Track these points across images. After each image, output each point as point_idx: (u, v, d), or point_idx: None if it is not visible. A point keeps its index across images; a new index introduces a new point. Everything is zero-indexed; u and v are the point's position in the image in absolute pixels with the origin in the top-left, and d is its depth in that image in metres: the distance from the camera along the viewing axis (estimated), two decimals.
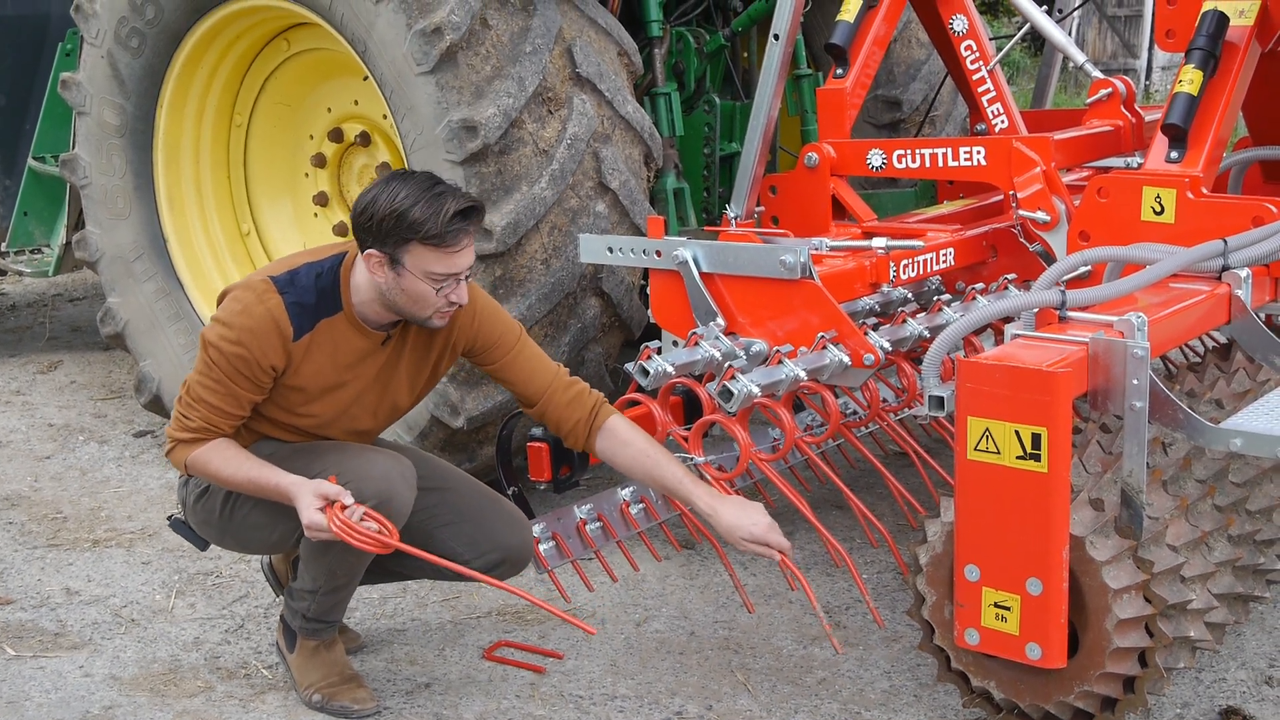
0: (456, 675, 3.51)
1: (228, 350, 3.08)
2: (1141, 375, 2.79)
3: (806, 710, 3.29)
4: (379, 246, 3.06)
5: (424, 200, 3.01)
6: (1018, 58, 16.66)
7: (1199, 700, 3.29)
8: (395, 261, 3.06)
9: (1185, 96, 3.69)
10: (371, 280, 3.12)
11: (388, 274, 3.08)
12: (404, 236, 3.02)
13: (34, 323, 7.64)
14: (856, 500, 3.60)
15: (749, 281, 3.59)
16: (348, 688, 3.36)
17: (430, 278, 3.07)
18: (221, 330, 3.10)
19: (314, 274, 3.17)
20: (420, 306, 3.13)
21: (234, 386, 3.11)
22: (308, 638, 3.37)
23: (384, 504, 3.11)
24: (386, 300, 3.13)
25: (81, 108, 5.02)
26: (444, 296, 3.11)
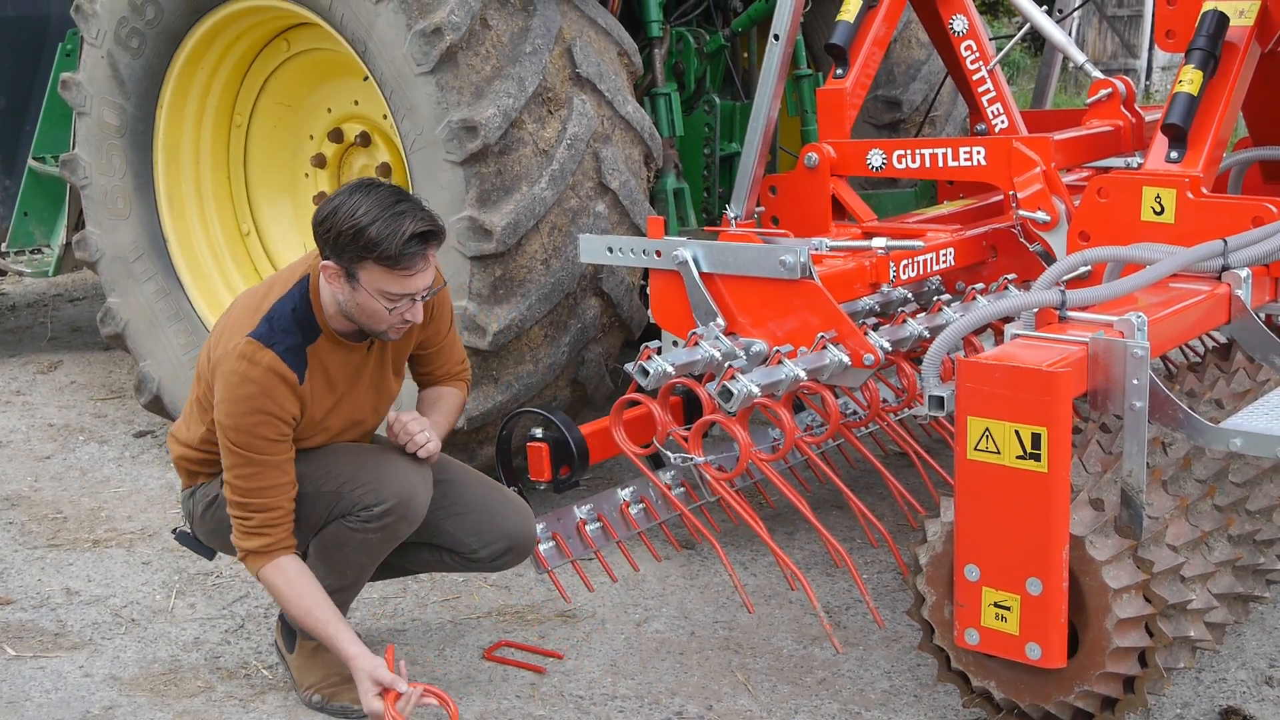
0: (457, 675, 3.51)
1: (251, 427, 3.05)
2: (1141, 375, 2.79)
3: (807, 710, 3.29)
4: (336, 259, 3.03)
5: (383, 219, 2.96)
6: (1018, 58, 16.67)
7: (1199, 700, 3.29)
8: (351, 276, 3.03)
9: (1185, 96, 3.69)
10: (333, 296, 3.10)
11: (344, 286, 3.06)
12: (359, 255, 2.99)
13: (34, 323, 7.64)
14: (856, 500, 3.61)
15: (749, 281, 3.59)
16: (348, 688, 3.32)
17: (385, 296, 3.04)
18: (235, 412, 3.05)
19: (288, 309, 3.12)
20: (374, 322, 3.11)
21: (272, 457, 3.09)
22: (308, 638, 3.34)
23: (404, 504, 3.15)
24: (344, 311, 3.12)
25: (81, 108, 5.02)
26: (398, 315, 3.08)
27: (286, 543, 3.15)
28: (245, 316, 3.15)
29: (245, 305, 3.21)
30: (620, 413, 3.65)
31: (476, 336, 4.05)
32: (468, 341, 4.05)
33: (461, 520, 3.36)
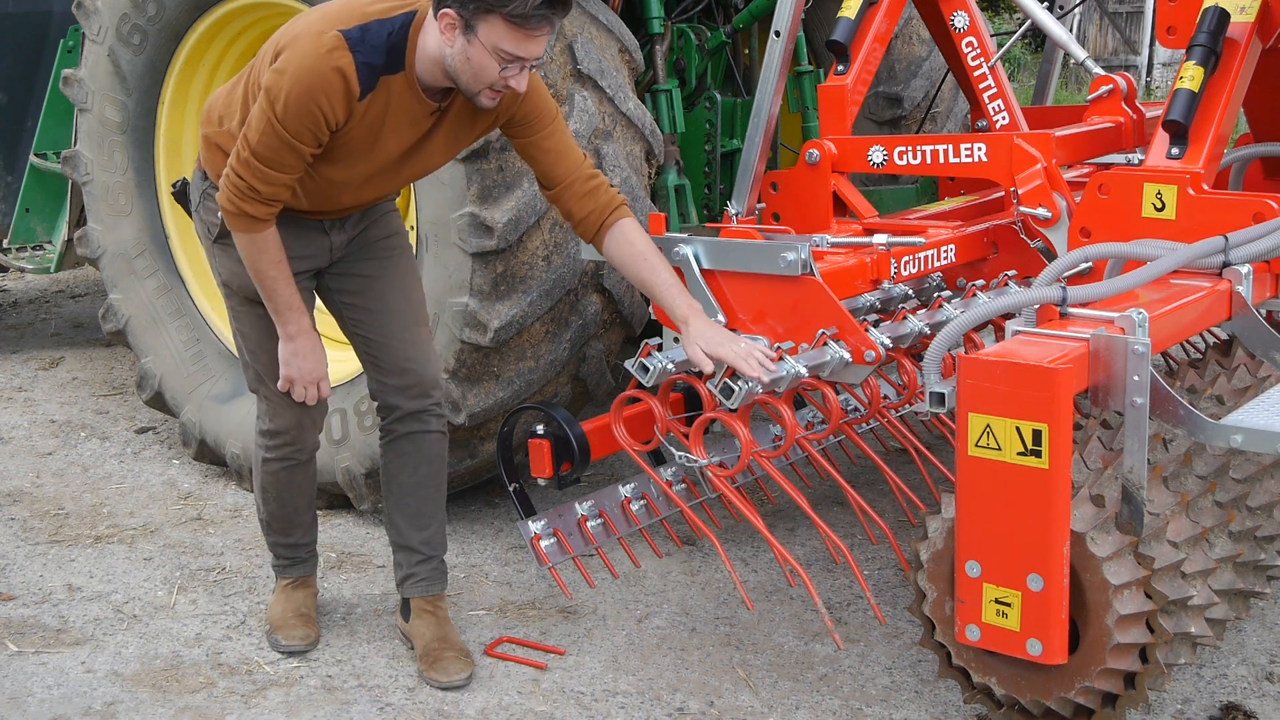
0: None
1: (296, 106, 3.04)
2: (1142, 371, 2.79)
3: (807, 706, 3.30)
4: (458, 8, 2.99)
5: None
6: (1019, 54, 16.66)
7: (1200, 696, 3.29)
8: (469, 28, 3.00)
9: (1186, 93, 3.69)
10: (438, 45, 3.06)
11: (457, 39, 3.02)
12: (488, 7, 2.96)
13: (36, 319, 7.64)
14: (857, 497, 3.61)
15: (750, 278, 3.59)
16: (291, 624, 3.65)
17: (499, 54, 3.02)
18: (290, 84, 3.04)
19: (385, 32, 3.09)
20: (476, 80, 3.08)
21: (298, 144, 3.09)
22: (281, 575, 3.74)
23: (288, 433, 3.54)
24: (446, 65, 3.08)
25: (83, 104, 5.02)
26: (504, 78, 3.07)
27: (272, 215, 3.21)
28: (339, 13, 3.10)
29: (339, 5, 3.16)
30: (621, 409, 3.65)
31: (478, 333, 4.05)
32: (469, 338, 4.05)
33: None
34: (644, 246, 3.43)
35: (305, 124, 3.07)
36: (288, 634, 3.64)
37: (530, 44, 3.02)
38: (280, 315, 3.30)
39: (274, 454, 3.59)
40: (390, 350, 3.50)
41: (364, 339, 3.53)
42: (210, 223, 3.42)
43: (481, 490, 4.63)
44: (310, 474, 3.68)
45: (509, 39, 2.99)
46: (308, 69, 3.04)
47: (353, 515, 4.58)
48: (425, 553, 3.59)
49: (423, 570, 3.59)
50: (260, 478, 3.64)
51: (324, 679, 3.49)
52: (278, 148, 3.09)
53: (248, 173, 3.13)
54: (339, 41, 3.04)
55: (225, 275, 3.45)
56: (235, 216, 3.19)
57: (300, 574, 3.76)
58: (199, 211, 3.47)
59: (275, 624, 3.67)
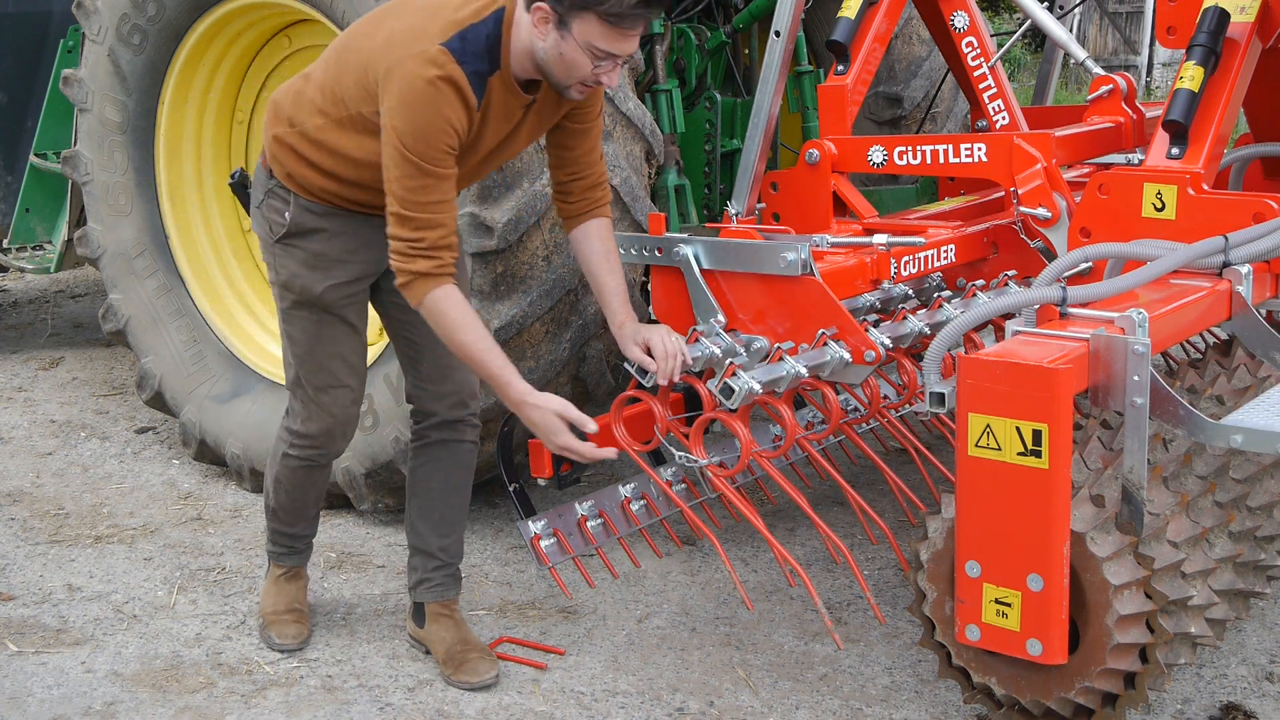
0: None
1: (428, 134, 3.00)
2: (1142, 372, 2.79)
3: (808, 706, 3.30)
4: (552, 3, 2.97)
5: None
6: (1019, 54, 16.66)
7: (1200, 696, 3.29)
8: (563, 24, 2.99)
9: (1186, 93, 3.69)
10: (530, 39, 3.05)
11: (550, 33, 3.01)
12: (582, 4, 2.94)
13: (36, 319, 7.64)
14: (857, 497, 3.61)
15: (750, 278, 3.59)
16: (284, 620, 3.67)
17: (592, 52, 3.00)
18: (415, 116, 2.99)
19: (483, 35, 3.04)
20: (567, 75, 3.07)
21: (445, 170, 3.05)
22: (274, 563, 3.74)
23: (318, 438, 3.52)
24: (537, 58, 3.07)
25: (83, 104, 5.02)
26: (596, 74, 3.06)
27: (452, 269, 3.12)
28: (429, 26, 3.05)
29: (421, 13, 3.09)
30: (621, 409, 3.65)
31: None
32: None
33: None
34: (610, 247, 3.50)
35: (441, 148, 3.02)
36: (281, 631, 3.67)
37: (624, 42, 3.02)
38: (496, 380, 3.16)
39: (297, 453, 3.57)
40: (434, 355, 3.46)
41: (408, 340, 3.50)
42: (275, 222, 3.36)
43: (481, 490, 4.63)
44: (326, 474, 3.69)
45: (603, 37, 2.98)
46: (426, 95, 2.99)
47: (353, 515, 4.58)
48: (443, 559, 3.58)
49: (438, 576, 3.58)
50: (277, 469, 3.62)
51: (324, 679, 3.49)
52: (427, 185, 3.03)
53: (406, 228, 3.05)
54: (446, 56, 2.99)
55: (285, 276, 3.38)
56: (410, 285, 3.10)
57: (295, 564, 3.77)
58: (263, 210, 3.39)
59: (269, 619, 3.70)
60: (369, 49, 3.13)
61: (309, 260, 3.35)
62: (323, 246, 3.34)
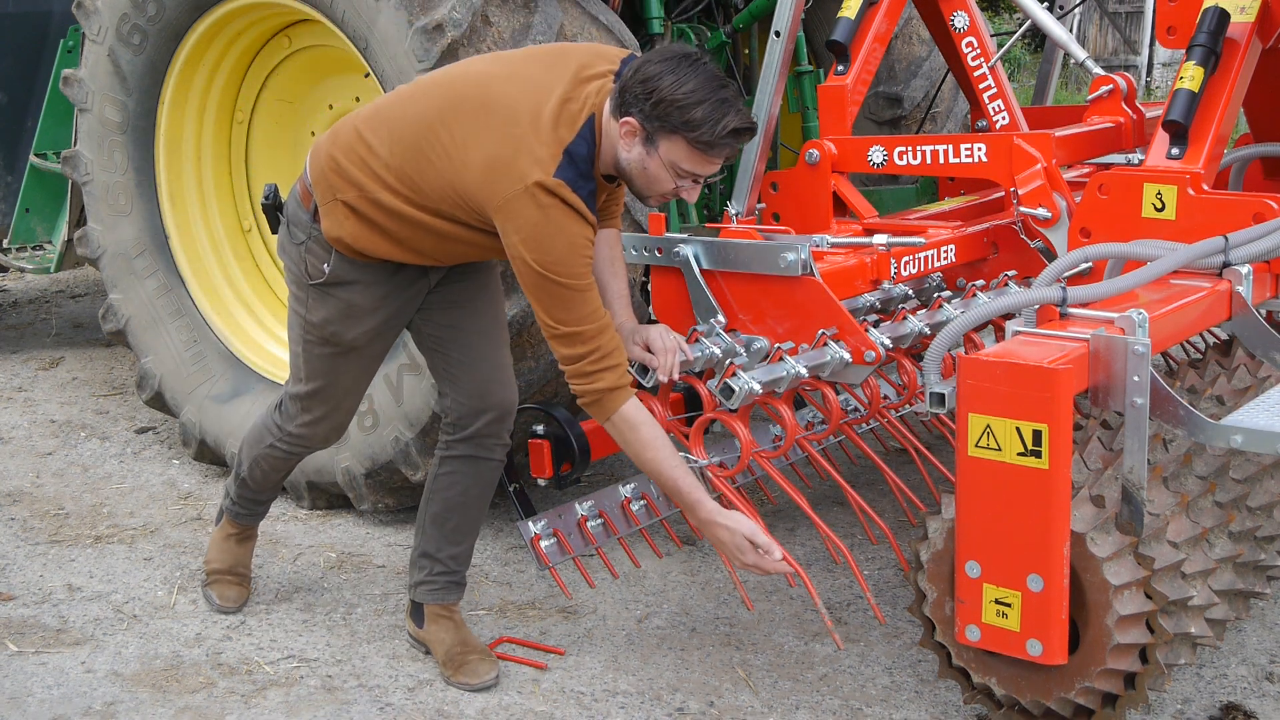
0: None
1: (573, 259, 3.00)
2: (1142, 372, 2.79)
3: (807, 706, 3.30)
4: (643, 121, 2.99)
5: (710, 103, 2.94)
6: (1019, 54, 16.65)
7: (1200, 696, 3.29)
8: (650, 140, 3.01)
9: (1186, 93, 3.69)
10: (616, 145, 3.06)
11: (635, 146, 3.03)
12: (674, 128, 2.96)
13: (36, 319, 7.64)
14: (857, 497, 3.61)
15: (750, 278, 3.59)
16: (227, 581, 3.85)
17: (677, 171, 3.04)
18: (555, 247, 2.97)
19: (583, 153, 3.03)
20: (649, 187, 3.11)
21: (590, 283, 3.05)
22: (231, 521, 3.86)
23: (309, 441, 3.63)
24: (621, 165, 3.09)
25: (83, 104, 5.02)
26: (677, 190, 3.10)
27: (630, 377, 3.15)
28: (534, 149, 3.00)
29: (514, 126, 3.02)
30: None
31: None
32: None
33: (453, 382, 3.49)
34: (616, 253, 3.49)
35: (582, 263, 3.02)
36: (222, 593, 3.85)
37: (710, 165, 3.06)
38: (683, 498, 3.16)
39: (286, 447, 3.66)
40: (474, 371, 3.44)
41: (445, 356, 3.47)
42: (314, 268, 3.32)
43: None
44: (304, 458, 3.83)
45: (689, 159, 3.02)
46: (553, 227, 2.98)
47: (353, 515, 4.58)
48: (450, 566, 3.56)
49: (441, 580, 3.56)
50: (257, 451, 3.70)
51: (324, 679, 3.49)
52: (582, 299, 3.04)
53: (573, 345, 3.07)
54: (560, 185, 2.97)
55: (318, 320, 3.35)
56: (598, 402, 3.11)
57: (249, 524, 3.90)
58: (303, 251, 3.34)
59: (213, 576, 3.87)
60: (462, 160, 3.05)
61: (343, 309, 3.33)
62: (358, 297, 3.32)
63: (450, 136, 3.07)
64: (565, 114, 3.04)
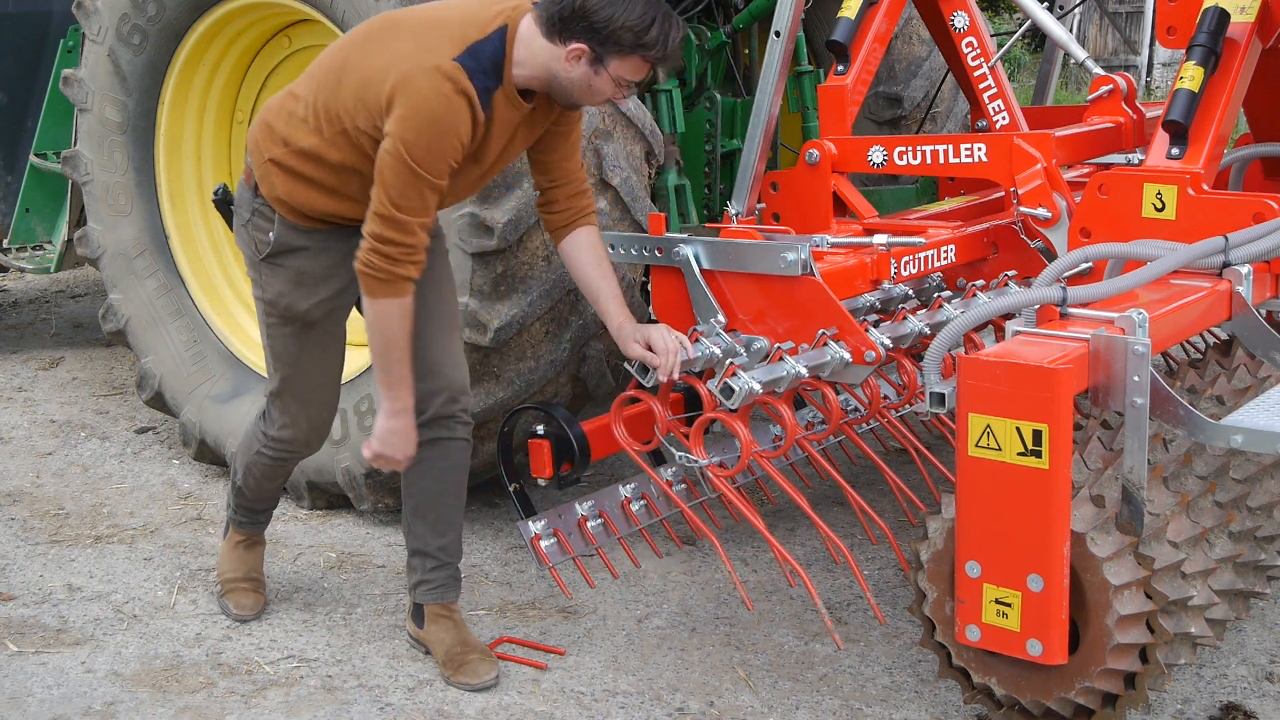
0: None
1: (434, 147, 3.08)
2: (1142, 372, 2.79)
3: (807, 706, 3.30)
4: (593, 46, 3.10)
5: (658, 21, 3.11)
6: (1019, 54, 16.65)
7: (1200, 696, 3.29)
8: (599, 61, 3.13)
9: (1186, 93, 3.69)
10: (548, 63, 3.15)
11: (580, 67, 3.14)
12: (628, 49, 3.11)
13: (36, 319, 7.65)
14: (857, 497, 3.61)
15: (750, 278, 3.59)
16: (242, 589, 3.84)
17: (619, 83, 3.19)
18: (424, 128, 3.06)
19: (489, 52, 3.13)
20: (588, 98, 3.24)
21: (441, 183, 3.14)
22: (236, 530, 3.90)
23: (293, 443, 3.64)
24: (554, 83, 3.19)
25: (83, 104, 5.02)
26: (615, 96, 3.25)
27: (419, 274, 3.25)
28: (439, 43, 3.11)
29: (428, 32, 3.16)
30: (621, 409, 3.65)
31: (478, 333, 4.05)
32: (469, 338, 4.05)
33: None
34: (600, 255, 3.56)
35: (445, 161, 3.10)
36: (238, 601, 3.84)
37: (648, 70, 3.21)
38: (392, 390, 3.27)
39: (272, 454, 3.69)
40: (424, 352, 3.45)
41: None
42: (260, 241, 3.41)
43: (481, 490, 4.63)
44: (295, 465, 3.84)
45: (636, 70, 3.18)
46: (438, 109, 3.06)
47: (353, 515, 4.58)
48: (441, 559, 3.56)
49: (438, 577, 3.56)
50: (249, 461, 3.75)
51: (324, 679, 3.49)
52: (422, 193, 3.11)
53: (398, 231, 3.12)
54: (459, 71, 3.06)
55: (271, 294, 3.42)
56: (388, 284, 3.17)
57: (254, 531, 3.94)
58: (248, 229, 3.44)
59: (228, 585, 3.87)
60: (372, 66, 3.16)
61: (293, 278, 3.41)
62: (307, 264, 3.40)
63: (363, 54, 3.21)
64: (475, 21, 3.17)
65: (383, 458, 3.33)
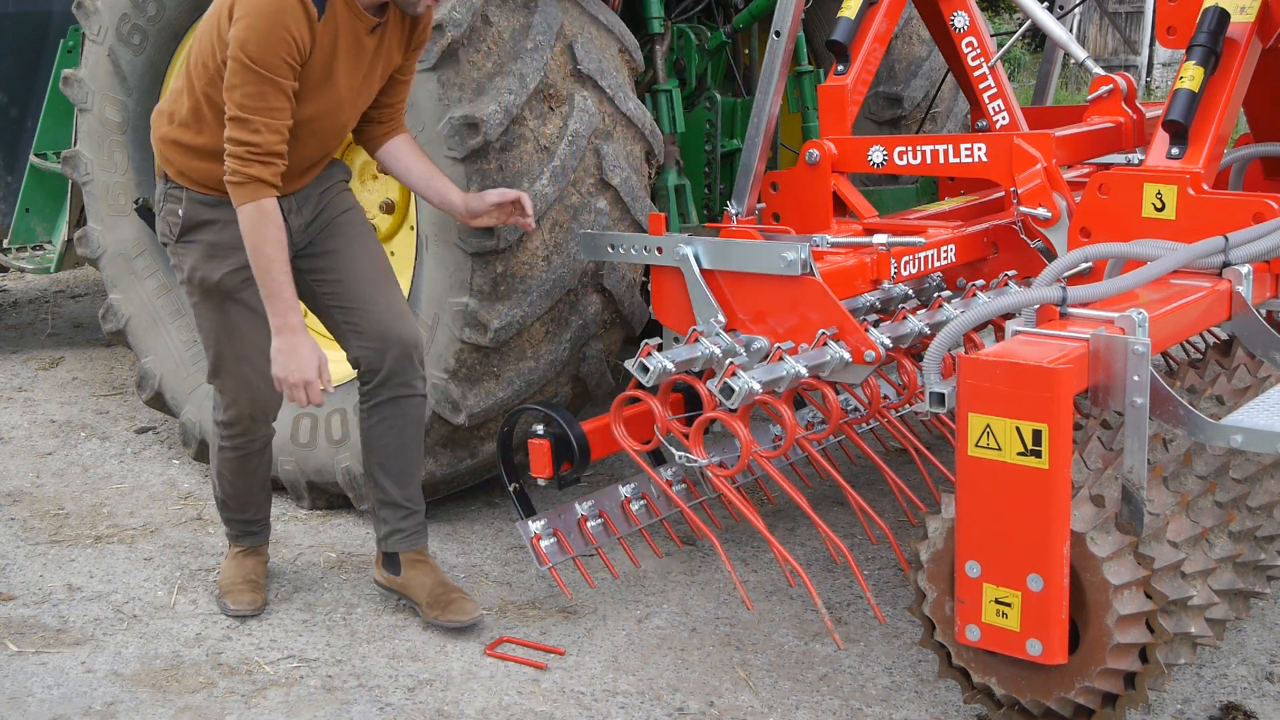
0: (458, 671, 3.51)
1: (268, 41, 3.19)
2: (1142, 372, 2.79)
3: (808, 706, 3.30)
4: None
5: None
6: (1019, 54, 16.66)
7: (1200, 696, 3.29)
8: None
9: (1186, 93, 3.69)
10: None
11: None
12: None
13: (36, 319, 7.65)
14: (857, 497, 3.61)
15: (750, 278, 3.60)
16: (240, 589, 3.85)
17: None
18: (256, 22, 3.18)
19: None
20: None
21: (284, 81, 3.24)
22: (234, 543, 3.96)
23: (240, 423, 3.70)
24: None
25: (83, 104, 5.02)
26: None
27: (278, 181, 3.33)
28: None
29: None
30: (621, 409, 3.65)
31: (478, 333, 4.05)
32: (469, 338, 4.05)
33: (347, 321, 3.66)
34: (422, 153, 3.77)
35: (280, 56, 3.20)
36: (236, 599, 3.84)
37: None
38: (272, 302, 3.36)
39: (228, 443, 3.77)
40: (369, 314, 3.61)
41: (341, 309, 3.66)
42: (172, 222, 3.57)
43: (481, 490, 4.64)
44: (265, 460, 3.87)
45: None
46: (268, 5, 3.19)
47: (353, 515, 4.58)
48: (409, 508, 3.77)
49: (409, 524, 3.77)
50: (216, 462, 3.83)
51: (324, 679, 3.49)
52: (264, 91, 3.22)
53: (244, 130, 3.25)
54: None
55: (188, 270, 3.57)
56: (242, 186, 3.29)
57: (252, 544, 3.98)
58: (162, 214, 3.60)
59: (225, 588, 3.88)
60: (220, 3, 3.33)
61: (205, 250, 3.54)
62: (216, 236, 3.53)
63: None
64: None
65: (283, 383, 3.39)
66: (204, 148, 3.46)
